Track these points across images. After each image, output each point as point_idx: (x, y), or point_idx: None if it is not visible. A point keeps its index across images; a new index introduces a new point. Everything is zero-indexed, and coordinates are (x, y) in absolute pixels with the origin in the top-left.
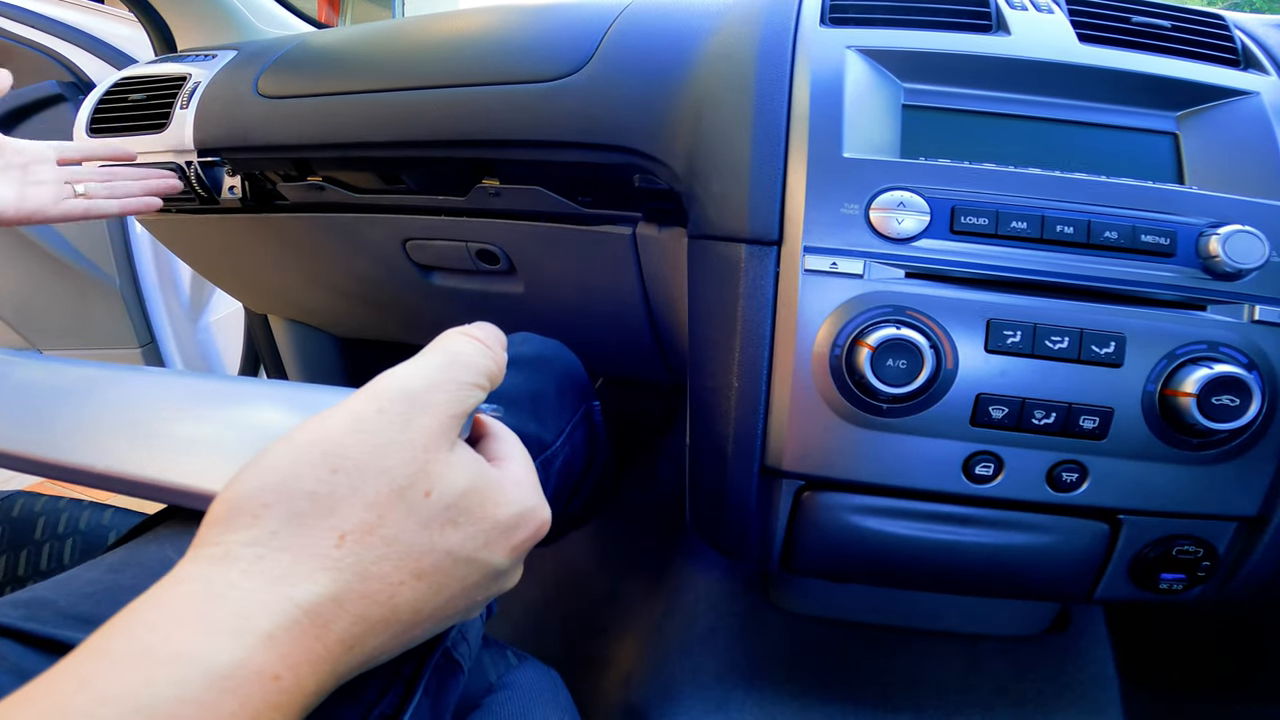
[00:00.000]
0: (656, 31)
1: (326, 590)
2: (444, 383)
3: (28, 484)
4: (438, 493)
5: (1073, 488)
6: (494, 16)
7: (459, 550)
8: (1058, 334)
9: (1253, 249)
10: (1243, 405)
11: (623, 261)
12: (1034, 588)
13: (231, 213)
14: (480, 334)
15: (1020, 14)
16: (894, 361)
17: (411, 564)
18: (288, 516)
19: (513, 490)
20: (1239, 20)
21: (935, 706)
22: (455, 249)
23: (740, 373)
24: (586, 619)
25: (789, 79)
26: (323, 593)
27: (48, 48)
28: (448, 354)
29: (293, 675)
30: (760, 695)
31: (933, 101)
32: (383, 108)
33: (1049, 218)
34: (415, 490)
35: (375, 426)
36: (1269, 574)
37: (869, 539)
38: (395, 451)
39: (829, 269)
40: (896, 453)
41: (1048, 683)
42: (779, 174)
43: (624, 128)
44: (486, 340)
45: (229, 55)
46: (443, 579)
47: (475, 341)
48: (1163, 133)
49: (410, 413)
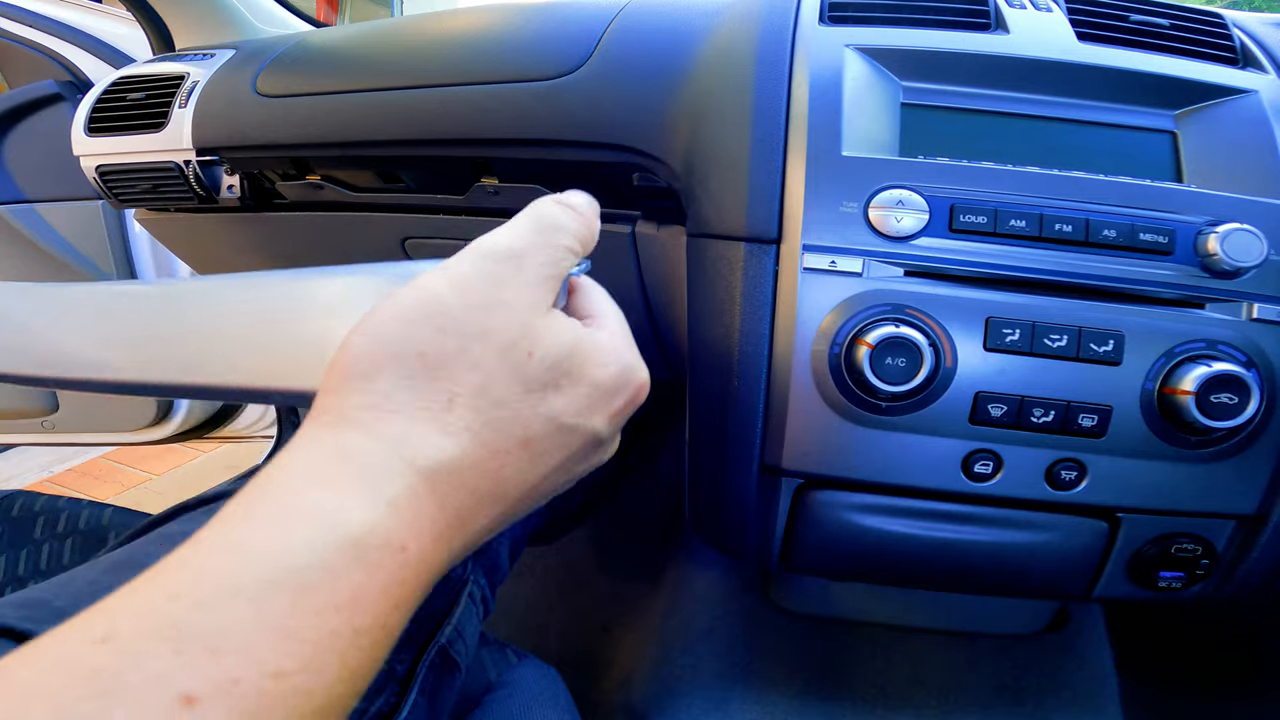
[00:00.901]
0: (655, 30)
1: (443, 456)
2: (539, 245)
3: (28, 483)
4: (540, 353)
5: (1072, 486)
6: (492, 15)
7: (563, 415)
8: (1056, 332)
9: (1251, 247)
10: (1241, 403)
11: (621, 260)
12: (1033, 586)
13: (230, 212)
14: (573, 200)
15: (1019, 12)
16: (893, 360)
17: (519, 430)
18: (399, 377)
19: (611, 351)
20: (1237, 19)
21: (934, 704)
22: (455, 248)
23: (739, 371)
24: (586, 618)
25: (788, 77)
26: (440, 458)
27: (46, 47)
28: (541, 219)
29: (417, 546)
30: (760, 693)
31: (931, 100)
32: (382, 106)
33: (1048, 216)
34: (518, 350)
35: (476, 285)
36: (1267, 572)
37: (868, 537)
38: (497, 311)
39: (828, 267)
40: (896, 451)
41: (1046, 680)
42: (778, 172)
43: (623, 126)
44: (578, 206)
45: (227, 54)
46: (547, 446)
47: (567, 209)
48: (1161, 131)
49: (507, 273)
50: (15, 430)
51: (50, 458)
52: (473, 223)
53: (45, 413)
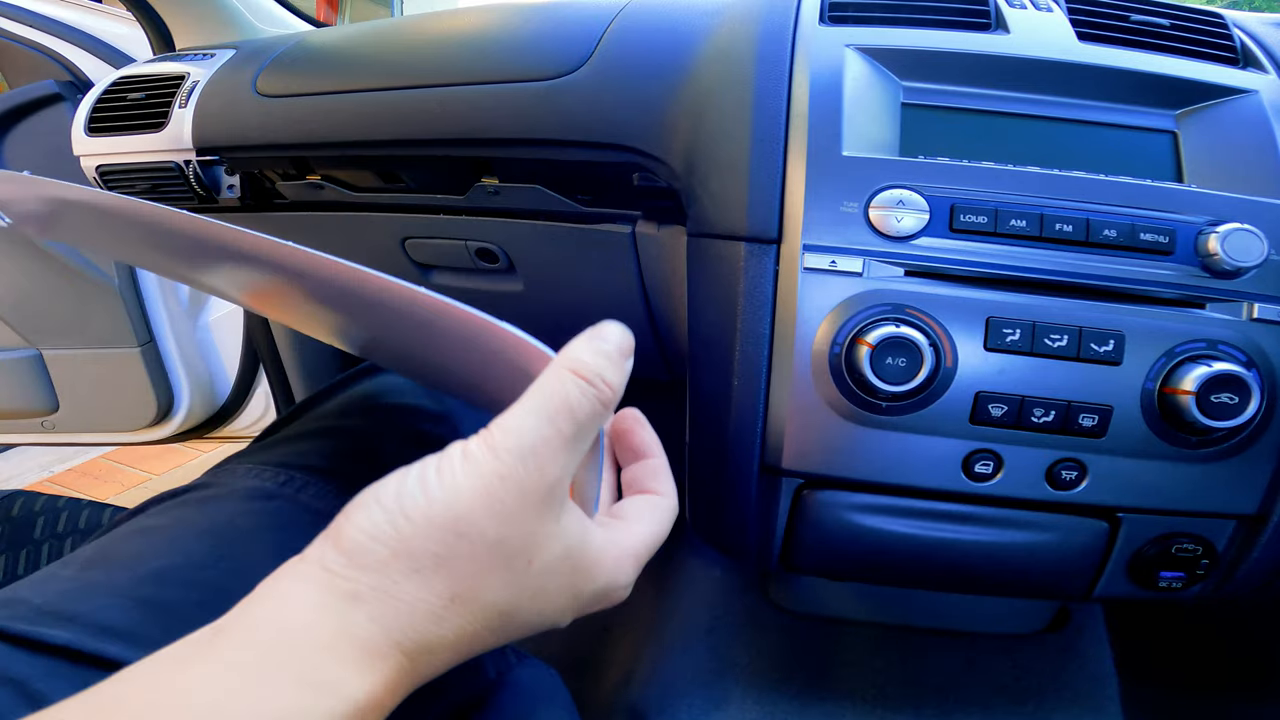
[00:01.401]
0: (655, 30)
1: (430, 640)
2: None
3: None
4: (539, 564)
5: (1072, 486)
6: (492, 15)
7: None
8: (1057, 332)
9: (1252, 247)
10: (1242, 403)
11: (622, 260)
12: (1033, 586)
13: (230, 211)
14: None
15: (1019, 12)
16: (893, 360)
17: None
18: (411, 570)
19: (608, 565)
20: (1238, 19)
21: (934, 704)
22: (454, 248)
23: (739, 371)
24: (586, 618)
25: (788, 77)
26: (427, 642)
27: (45, 47)
28: (552, 403)
29: (391, 701)
30: (759, 693)
31: (932, 100)
32: (382, 106)
33: (1048, 216)
34: (520, 559)
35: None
36: (1268, 572)
37: (868, 537)
38: (512, 522)
39: (828, 267)
40: (896, 451)
41: (1046, 681)
42: (778, 172)
43: (623, 126)
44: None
45: (227, 54)
46: (513, 631)
47: (585, 387)
48: (1162, 131)
49: (526, 478)
50: (15, 430)
51: (50, 457)
52: (472, 223)
53: (45, 412)
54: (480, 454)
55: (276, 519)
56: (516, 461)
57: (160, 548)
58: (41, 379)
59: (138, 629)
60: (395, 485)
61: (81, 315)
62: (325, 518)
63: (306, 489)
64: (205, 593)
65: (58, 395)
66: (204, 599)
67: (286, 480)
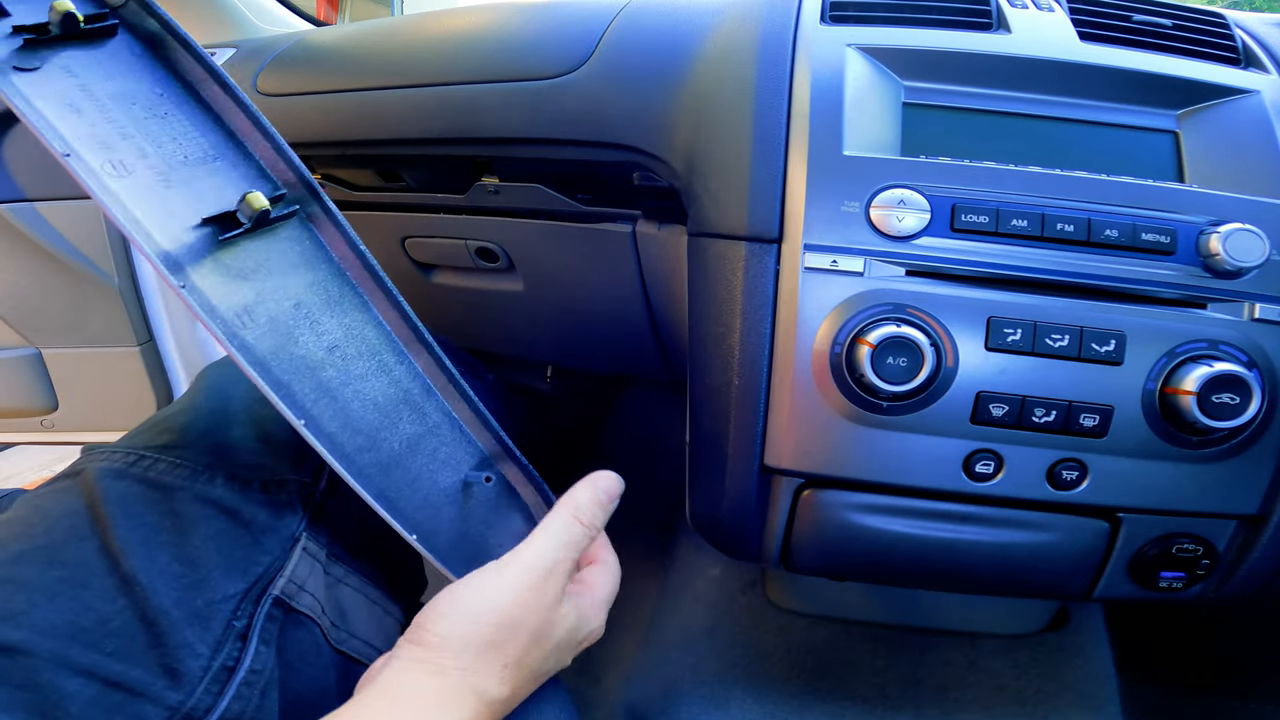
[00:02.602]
0: (656, 29)
1: (494, 694)
2: (561, 561)
3: (27, 483)
4: (554, 638)
5: (1073, 486)
6: (493, 14)
7: (555, 665)
8: (1058, 332)
9: (1253, 247)
10: (1243, 403)
11: (622, 259)
12: (1034, 586)
13: None
14: (587, 515)
15: (1021, 12)
16: (894, 359)
17: (530, 678)
18: (478, 652)
19: (591, 615)
20: (1240, 19)
21: (934, 704)
22: (455, 247)
23: (740, 371)
24: None
25: (789, 77)
26: (494, 695)
27: None
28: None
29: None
30: (760, 693)
31: (933, 100)
32: (382, 105)
33: (1049, 216)
34: (545, 638)
35: (528, 600)
36: (1268, 572)
37: (869, 537)
38: (537, 615)
39: (829, 267)
40: (897, 451)
41: (1047, 680)
42: (779, 172)
43: (624, 125)
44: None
45: (228, 53)
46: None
47: (583, 528)
48: (1163, 131)
49: (546, 586)
50: (15, 429)
51: (49, 457)
52: (472, 222)
53: (45, 411)
54: (515, 575)
55: (125, 496)
56: (541, 579)
57: (21, 532)
58: (41, 378)
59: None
60: (461, 594)
61: (81, 314)
62: (170, 491)
63: (155, 466)
64: (69, 570)
65: (57, 394)
66: (68, 576)
67: (135, 460)
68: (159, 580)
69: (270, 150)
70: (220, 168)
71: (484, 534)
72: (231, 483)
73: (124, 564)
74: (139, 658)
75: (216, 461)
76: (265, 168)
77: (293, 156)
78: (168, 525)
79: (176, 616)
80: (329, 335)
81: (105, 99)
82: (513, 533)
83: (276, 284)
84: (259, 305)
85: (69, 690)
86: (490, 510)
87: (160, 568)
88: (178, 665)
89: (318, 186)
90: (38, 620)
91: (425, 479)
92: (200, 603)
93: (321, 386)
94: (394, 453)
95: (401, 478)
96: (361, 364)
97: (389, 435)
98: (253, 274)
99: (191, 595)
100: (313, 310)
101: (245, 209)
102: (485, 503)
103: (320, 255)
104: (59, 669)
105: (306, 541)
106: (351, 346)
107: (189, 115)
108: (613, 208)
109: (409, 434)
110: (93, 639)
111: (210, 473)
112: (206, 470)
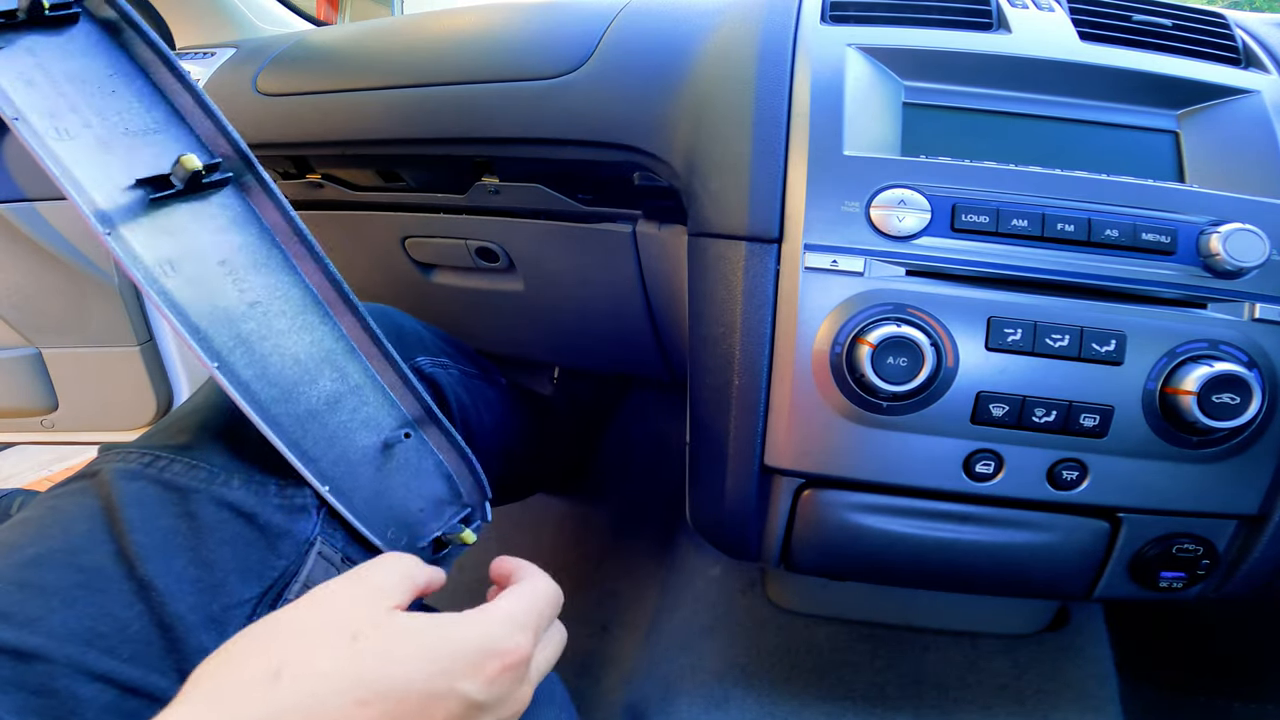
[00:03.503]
0: (656, 29)
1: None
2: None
3: (27, 483)
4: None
5: (1073, 486)
6: (493, 14)
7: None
8: (1058, 332)
9: (1253, 247)
10: (1243, 403)
11: (623, 259)
12: (1034, 586)
13: None
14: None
15: (1021, 12)
16: (894, 359)
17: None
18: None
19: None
20: (1240, 19)
21: (934, 704)
22: (455, 247)
23: (740, 371)
24: (585, 617)
25: (789, 77)
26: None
27: None
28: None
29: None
30: (759, 693)
31: (934, 99)
32: (382, 105)
33: (1049, 216)
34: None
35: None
36: (1268, 572)
37: (869, 537)
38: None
39: (829, 267)
40: (897, 451)
41: (1047, 680)
42: (779, 172)
43: (624, 125)
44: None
45: (228, 53)
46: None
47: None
48: (1163, 131)
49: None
50: (15, 429)
51: (49, 457)
52: (473, 222)
53: (45, 411)
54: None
55: (142, 499)
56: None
57: (38, 535)
58: (41, 378)
59: (15, 609)
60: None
61: (81, 314)
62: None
63: (170, 467)
64: (86, 574)
65: (57, 394)
66: (86, 580)
67: (151, 461)
68: (175, 585)
69: (211, 126)
70: (160, 140)
71: (404, 497)
72: (248, 484)
73: (141, 569)
74: (155, 663)
75: (232, 462)
76: (204, 141)
77: (232, 132)
78: (184, 529)
79: (193, 621)
80: (252, 292)
81: (60, 77)
82: (433, 497)
83: (205, 241)
84: (183, 260)
85: (85, 696)
86: (411, 474)
87: (177, 572)
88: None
89: (254, 159)
90: (55, 625)
91: (343, 436)
92: (216, 607)
93: (239, 337)
94: (311, 408)
95: (318, 432)
96: (284, 321)
97: (308, 390)
98: (180, 232)
99: (208, 600)
100: (238, 269)
101: (179, 170)
102: (405, 465)
103: (251, 220)
104: (75, 674)
105: (321, 545)
106: (275, 305)
107: (136, 93)
108: (613, 208)
109: (329, 391)
110: (110, 644)
111: (226, 474)
112: (223, 471)
